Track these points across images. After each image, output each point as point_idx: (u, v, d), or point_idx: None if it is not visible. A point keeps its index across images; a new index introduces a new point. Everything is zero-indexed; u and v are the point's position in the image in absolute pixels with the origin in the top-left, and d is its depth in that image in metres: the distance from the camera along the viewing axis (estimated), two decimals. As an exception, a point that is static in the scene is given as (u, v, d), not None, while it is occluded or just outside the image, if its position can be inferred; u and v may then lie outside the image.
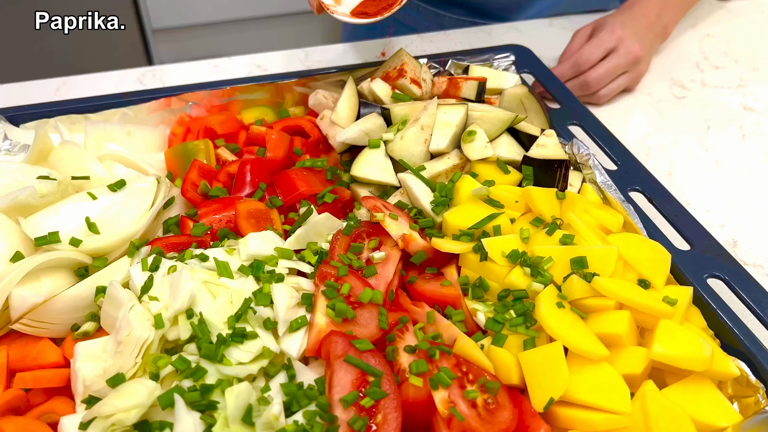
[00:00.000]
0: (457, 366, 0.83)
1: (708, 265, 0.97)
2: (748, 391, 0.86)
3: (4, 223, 0.97)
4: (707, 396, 0.83)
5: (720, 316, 0.91)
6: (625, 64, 1.48)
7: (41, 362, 0.86)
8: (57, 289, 0.91)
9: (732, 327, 0.89)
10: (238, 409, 0.74)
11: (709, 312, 0.93)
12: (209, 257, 0.93)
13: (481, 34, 1.75)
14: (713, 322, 0.92)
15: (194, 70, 1.59)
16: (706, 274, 0.97)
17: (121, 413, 0.73)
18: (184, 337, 0.82)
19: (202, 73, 1.58)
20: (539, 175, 1.09)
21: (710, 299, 0.93)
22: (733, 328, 0.89)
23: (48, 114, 1.22)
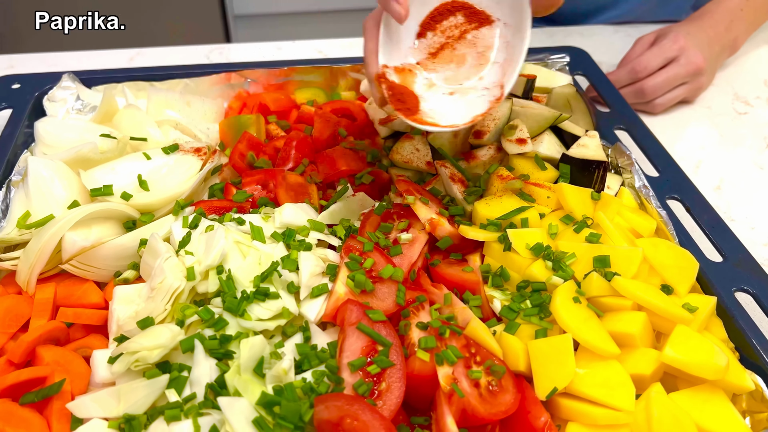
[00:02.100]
0: (466, 347, 0.85)
1: (738, 279, 0.96)
2: (762, 407, 0.84)
3: (66, 173, 1.05)
4: (717, 406, 0.82)
5: (742, 330, 0.90)
6: (685, 74, 1.45)
7: (84, 302, 0.93)
8: (105, 237, 0.98)
9: (753, 341, 0.88)
10: (251, 360, 0.79)
11: (732, 325, 0.91)
12: (246, 221, 0.98)
13: (542, 35, 1.75)
14: (735, 335, 0.91)
15: (258, 50, 1.66)
16: (734, 287, 0.95)
17: (145, 351, 0.79)
18: (212, 291, 0.88)
19: (265, 53, 1.65)
20: (577, 175, 1.09)
21: (735, 312, 0.92)
22: (754, 342, 0.88)
23: (118, 79, 1.31)
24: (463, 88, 0.99)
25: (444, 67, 1.01)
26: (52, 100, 1.26)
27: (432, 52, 1.01)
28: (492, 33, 1.00)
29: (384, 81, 0.97)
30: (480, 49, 1.00)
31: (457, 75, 1.01)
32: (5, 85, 1.28)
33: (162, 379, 0.78)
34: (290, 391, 0.76)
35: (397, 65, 0.99)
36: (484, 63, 1.00)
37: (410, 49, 1.01)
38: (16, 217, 0.99)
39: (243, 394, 0.76)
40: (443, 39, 1.01)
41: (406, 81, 0.99)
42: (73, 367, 0.84)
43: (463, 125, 0.94)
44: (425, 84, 1.00)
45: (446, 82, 1.01)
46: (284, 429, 0.74)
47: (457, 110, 0.97)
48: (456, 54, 1.01)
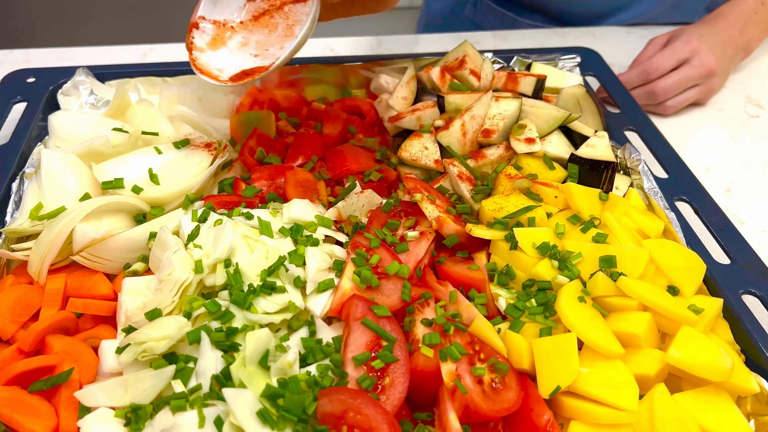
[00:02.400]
0: (471, 344, 0.85)
1: (745, 281, 0.96)
2: (766, 410, 0.84)
3: (78, 166, 1.06)
4: (721, 408, 0.82)
5: (749, 332, 0.90)
6: (697, 76, 1.45)
7: (94, 293, 0.95)
8: (115, 229, 0.99)
9: (759, 343, 0.88)
10: (256, 352, 0.79)
11: (738, 327, 0.91)
12: (254, 216, 0.99)
13: (554, 36, 1.75)
14: (741, 337, 0.90)
15: (271, 47, 1.67)
16: (741, 290, 0.95)
17: (152, 342, 0.80)
18: (219, 284, 0.88)
19: (277, 51, 1.66)
20: (585, 175, 1.09)
21: (742, 314, 0.91)
22: (760, 344, 0.88)
23: (131, 74, 1.32)
24: (266, 53, 1.07)
25: (259, 31, 1.10)
26: (66, 94, 1.28)
27: (255, 15, 1.10)
28: (304, 10, 1.08)
29: (196, 30, 1.08)
30: (290, 22, 1.09)
31: (266, 41, 1.09)
32: (21, 78, 1.30)
33: (168, 369, 0.79)
34: (294, 384, 0.77)
35: (218, 19, 1.10)
36: (288, 35, 1.08)
37: (239, 8, 1.11)
38: (28, 208, 1.01)
39: (248, 385, 0.76)
40: (266, 5, 1.10)
41: (222, 35, 1.09)
42: (82, 356, 0.85)
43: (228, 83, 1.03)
44: (240, 42, 1.09)
45: (257, 44, 1.09)
46: (288, 421, 0.74)
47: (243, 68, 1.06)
48: (272, 22, 1.10)
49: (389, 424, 0.74)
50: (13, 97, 1.25)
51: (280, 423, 0.74)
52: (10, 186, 1.07)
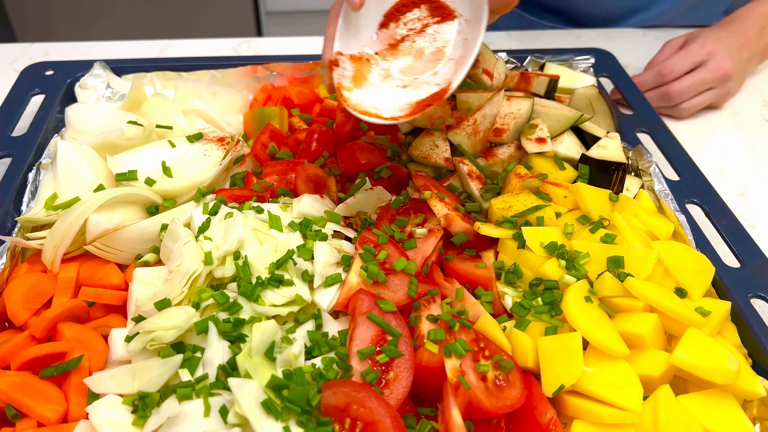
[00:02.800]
0: (475, 341, 0.85)
1: (754, 285, 0.95)
2: (772, 414, 0.84)
3: (93, 158, 1.08)
4: (726, 411, 0.81)
5: (757, 336, 0.89)
6: (713, 79, 1.44)
7: (105, 282, 0.96)
8: (128, 220, 1.00)
9: (767, 347, 0.87)
10: (262, 344, 0.80)
11: (746, 330, 0.90)
12: (264, 210, 1.00)
13: (570, 37, 1.74)
14: (749, 341, 0.90)
15: (286, 44, 1.68)
16: (750, 294, 0.94)
17: (160, 331, 0.81)
18: (228, 275, 0.89)
19: (292, 48, 1.67)
20: (596, 175, 1.09)
21: (750, 317, 0.91)
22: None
23: (147, 69, 1.34)
24: (417, 82, 0.98)
25: (402, 59, 1.01)
26: (84, 87, 1.30)
27: (392, 43, 1.01)
28: (452, 28, 1.00)
29: (336, 68, 0.98)
30: (439, 44, 1.00)
31: (413, 68, 1.00)
32: (39, 71, 1.32)
33: (176, 358, 0.80)
34: (299, 376, 0.77)
35: (353, 53, 1.00)
36: (440, 58, 0.99)
37: (370, 39, 1.02)
38: (44, 198, 1.03)
39: (253, 376, 0.77)
40: (405, 31, 1.01)
41: (362, 70, 1.00)
42: (92, 344, 0.87)
43: (403, 119, 0.92)
44: (381, 75, 1.00)
45: (402, 74, 1.00)
46: (292, 412, 0.75)
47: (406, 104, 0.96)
48: (415, 47, 1.01)
49: (392, 417, 0.74)
50: (31, 90, 1.27)
51: (284, 414, 0.75)
52: (26, 176, 1.09)
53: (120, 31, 3.42)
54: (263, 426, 0.74)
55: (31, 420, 0.79)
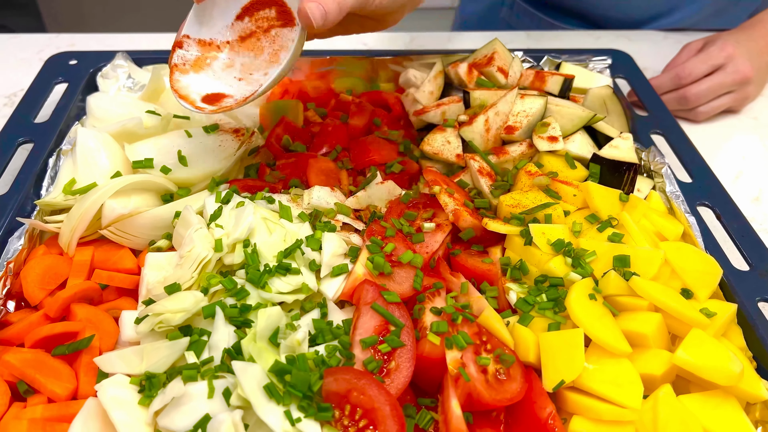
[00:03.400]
0: (478, 335, 0.86)
1: (763, 288, 0.95)
2: (775, 418, 0.83)
3: (112, 145, 1.11)
4: (728, 412, 0.81)
5: (762, 339, 0.89)
6: (731, 83, 1.42)
7: (119, 266, 0.98)
8: (143, 207, 1.03)
9: (772, 351, 0.87)
10: (267, 329, 0.82)
11: (752, 334, 0.90)
12: (275, 200, 1.02)
13: (589, 38, 1.74)
14: (755, 344, 0.89)
15: (305, 40, 1.70)
16: (758, 297, 0.94)
17: (169, 314, 0.83)
18: (237, 263, 0.91)
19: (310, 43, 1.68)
20: (607, 175, 1.09)
21: (757, 321, 0.90)
22: (773, 352, 0.87)
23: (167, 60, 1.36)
24: (250, 79, 1.03)
25: (245, 53, 1.05)
26: (105, 77, 1.33)
27: (242, 36, 1.05)
28: (290, 36, 1.03)
29: (179, 50, 1.03)
30: (276, 47, 1.04)
31: (251, 64, 1.05)
32: (63, 61, 1.35)
33: (183, 341, 0.82)
34: (302, 362, 0.79)
35: (204, 38, 1.05)
36: (274, 61, 1.03)
37: (225, 28, 1.06)
38: (62, 183, 1.05)
39: (257, 360, 0.79)
40: (254, 27, 1.05)
41: (207, 55, 1.05)
42: (103, 325, 0.89)
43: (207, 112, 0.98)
44: (225, 63, 1.05)
45: (242, 67, 1.05)
46: (293, 397, 0.76)
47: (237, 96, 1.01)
48: (258, 45, 1.05)
49: (391, 405, 0.75)
50: (55, 78, 1.30)
51: (286, 398, 0.76)
52: (47, 162, 1.12)
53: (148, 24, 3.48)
54: (265, 409, 0.75)
55: (42, 396, 0.82)
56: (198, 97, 1.01)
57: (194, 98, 1.01)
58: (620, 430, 0.79)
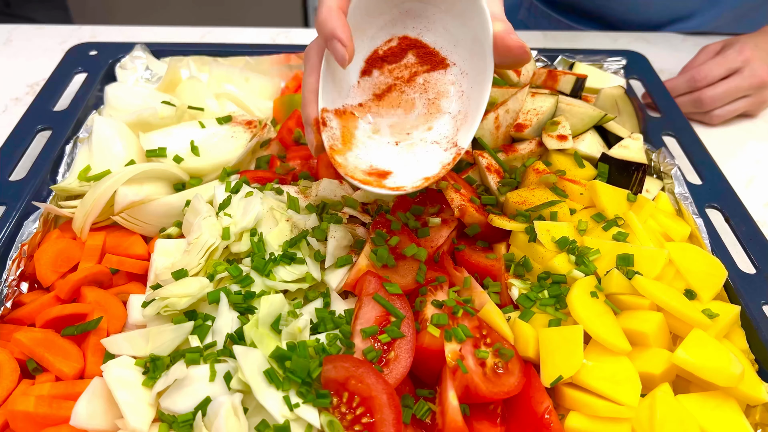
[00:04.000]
0: (478, 329, 0.87)
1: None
2: (775, 421, 0.83)
3: (127, 134, 1.13)
4: (727, 413, 0.81)
5: (766, 342, 0.88)
6: (748, 87, 1.41)
7: (129, 252, 1.01)
8: (155, 194, 1.05)
9: (774, 354, 0.86)
10: (269, 316, 0.83)
11: (755, 336, 0.90)
12: (284, 192, 1.03)
13: (606, 40, 1.73)
14: (758, 347, 0.89)
15: (322, 36, 1.71)
16: (763, 300, 0.93)
17: (174, 298, 0.85)
18: (243, 251, 0.93)
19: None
20: (615, 175, 1.08)
21: (760, 324, 0.90)
22: (775, 355, 0.86)
23: (185, 53, 1.39)
24: (410, 138, 0.90)
25: (390, 111, 0.90)
26: (124, 68, 1.36)
27: (377, 93, 0.90)
28: (446, 79, 0.89)
29: (325, 128, 0.85)
30: (431, 95, 0.90)
31: (404, 123, 0.90)
32: (84, 51, 1.38)
33: (187, 325, 0.83)
34: (303, 349, 0.80)
35: (338, 107, 0.88)
36: (434, 112, 0.89)
37: (353, 88, 0.90)
38: (78, 169, 1.08)
39: (258, 346, 0.80)
40: (390, 80, 0.90)
41: (348, 126, 0.89)
42: (112, 308, 0.91)
43: (411, 189, 0.83)
44: (369, 129, 0.90)
45: (391, 129, 0.90)
46: (292, 383, 0.78)
47: (403, 164, 0.88)
48: (404, 98, 0.90)
49: (388, 394, 0.76)
50: (75, 68, 1.33)
51: (285, 384, 0.78)
52: (64, 148, 1.15)
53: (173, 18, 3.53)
54: (264, 394, 0.76)
55: (50, 374, 0.84)
56: (362, 175, 0.86)
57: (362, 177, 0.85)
58: (617, 428, 0.79)
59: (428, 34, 0.89)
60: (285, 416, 0.76)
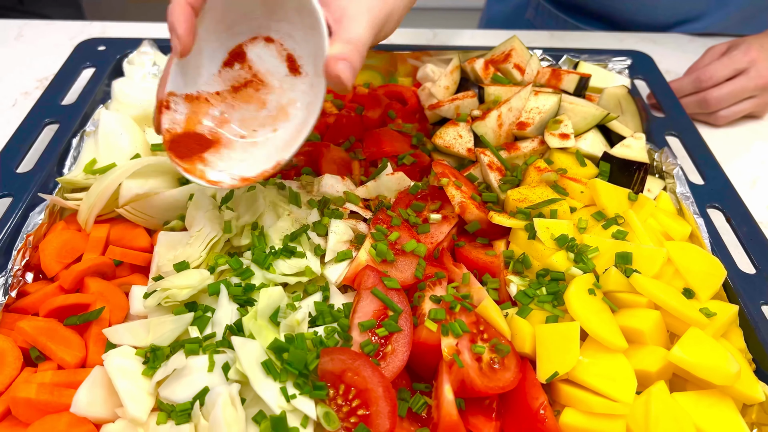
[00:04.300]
0: (475, 324, 0.87)
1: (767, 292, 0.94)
2: (771, 420, 0.83)
3: (133, 129, 1.14)
4: (722, 412, 0.81)
5: (764, 342, 0.88)
6: (754, 88, 1.40)
7: (133, 244, 1.02)
8: (159, 188, 1.06)
9: (771, 354, 0.86)
10: (268, 308, 0.84)
11: (753, 336, 0.90)
12: (286, 186, 1.04)
13: (613, 40, 1.72)
14: (755, 347, 0.89)
15: (329, 34, 1.72)
16: (762, 300, 0.93)
17: (175, 289, 0.86)
18: (245, 244, 0.94)
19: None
20: (617, 174, 1.09)
21: (759, 323, 0.90)
22: (773, 355, 0.86)
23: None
24: (255, 136, 0.92)
25: (243, 106, 0.93)
26: (131, 63, 1.37)
27: (235, 85, 0.93)
28: (299, 87, 0.92)
29: (167, 111, 0.88)
30: (284, 100, 0.92)
31: (253, 119, 0.93)
32: (92, 47, 1.40)
33: (187, 316, 0.85)
34: (300, 341, 0.81)
35: (190, 92, 0.90)
36: (282, 117, 0.92)
37: (214, 76, 0.92)
38: (84, 162, 1.09)
39: (257, 337, 0.81)
40: (249, 76, 0.92)
41: (197, 112, 0.91)
42: (114, 299, 0.92)
43: (228, 187, 0.87)
44: (217, 119, 0.92)
45: (241, 123, 0.93)
46: (290, 374, 0.79)
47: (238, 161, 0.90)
48: (257, 96, 0.93)
49: (384, 387, 0.77)
50: (83, 63, 1.35)
51: (283, 375, 0.79)
52: (70, 142, 1.16)
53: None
54: (261, 384, 0.77)
55: (52, 362, 0.85)
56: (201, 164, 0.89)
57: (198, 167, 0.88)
58: (611, 424, 0.80)
59: (289, 41, 0.91)
60: (282, 407, 0.77)
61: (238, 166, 0.90)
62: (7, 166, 1.10)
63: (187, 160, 0.88)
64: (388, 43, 1.60)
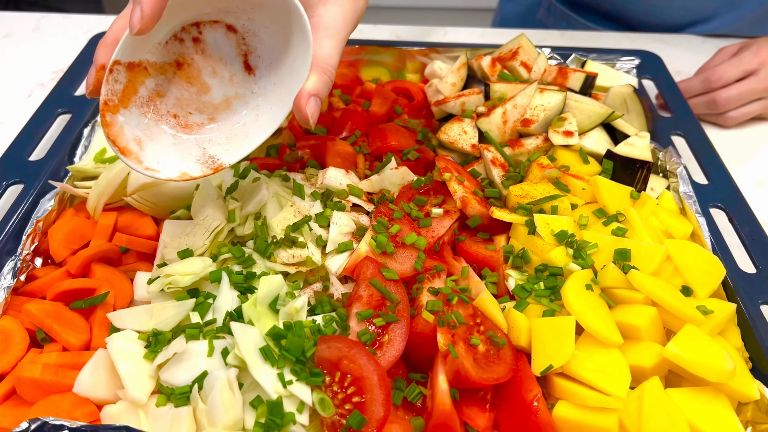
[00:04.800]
0: (472, 317, 0.88)
1: (767, 291, 0.94)
2: (766, 419, 0.83)
3: (143, 119, 1.16)
4: (716, 409, 0.81)
5: (761, 341, 0.88)
6: (763, 89, 1.40)
7: (140, 232, 1.04)
8: (166, 178, 1.08)
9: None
10: (268, 295, 0.86)
11: (751, 335, 0.90)
12: (291, 178, 1.06)
13: (625, 40, 1.72)
14: (752, 346, 0.89)
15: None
16: (761, 300, 0.93)
17: (178, 276, 0.88)
18: (247, 234, 0.96)
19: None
20: (620, 172, 1.09)
21: (757, 323, 0.90)
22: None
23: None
24: (189, 118, 0.87)
25: (184, 85, 0.86)
26: (144, 56, 1.39)
27: (180, 61, 0.85)
28: (249, 84, 0.87)
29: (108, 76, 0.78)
30: (231, 93, 0.86)
31: (191, 101, 0.87)
32: (106, 39, 1.42)
33: (189, 302, 0.86)
34: (299, 328, 0.82)
35: (133, 60, 0.81)
36: (224, 108, 0.87)
37: (158, 45, 0.83)
38: (94, 152, 1.12)
39: (256, 324, 0.83)
40: (198, 57, 0.85)
41: (135, 81, 0.82)
42: (119, 284, 0.94)
43: (164, 179, 0.83)
44: (153, 92, 0.85)
45: (177, 101, 0.86)
46: (287, 360, 0.80)
47: (169, 145, 0.85)
48: (202, 81, 0.86)
49: (379, 375, 0.78)
50: (97, 55, 1.37)
51: (280, 361, 0.80)
52: (82, 132, 1.19)
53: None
54: (259, 370, 0.79)
55: (57, 344, 0.88)
56: (135, 145, 0.83)
57: (133, 148, 0.82)
58: (604, 418, 0.80)
59: (254, 39, 0.86)
60: (278, 392, 0.78)
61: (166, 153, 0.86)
62: (20, 154, 1.12)
63: (122, 140, 0.81)
64: (398, 40, 1.62)
